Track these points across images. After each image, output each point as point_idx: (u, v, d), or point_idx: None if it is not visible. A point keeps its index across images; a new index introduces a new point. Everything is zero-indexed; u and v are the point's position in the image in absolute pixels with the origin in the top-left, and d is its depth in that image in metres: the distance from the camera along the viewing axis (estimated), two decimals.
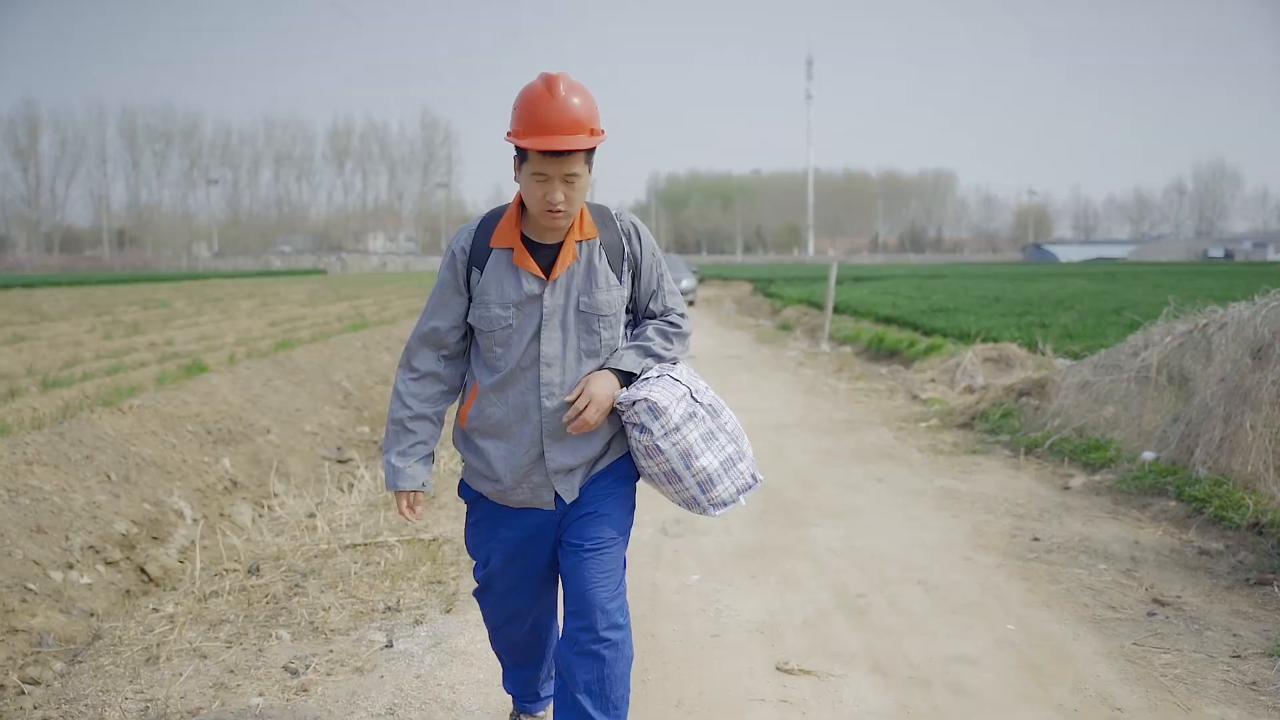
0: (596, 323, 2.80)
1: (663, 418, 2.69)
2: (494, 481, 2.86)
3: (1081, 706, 3.50)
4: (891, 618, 4.37)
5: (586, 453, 2.83)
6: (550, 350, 2.76)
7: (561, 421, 2.77)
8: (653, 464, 2.77)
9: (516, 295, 2.76)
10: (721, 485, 2.80)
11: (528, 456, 2.80)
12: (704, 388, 2.88)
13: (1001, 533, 5.66)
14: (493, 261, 2.80)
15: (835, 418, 9.84)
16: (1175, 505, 5.95)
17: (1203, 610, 4.40)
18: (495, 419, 2.82)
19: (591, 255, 2.79)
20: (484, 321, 2.80)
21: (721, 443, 2.81)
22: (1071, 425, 7.94)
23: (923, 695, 3.61)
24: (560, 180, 2.63)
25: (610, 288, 2.81)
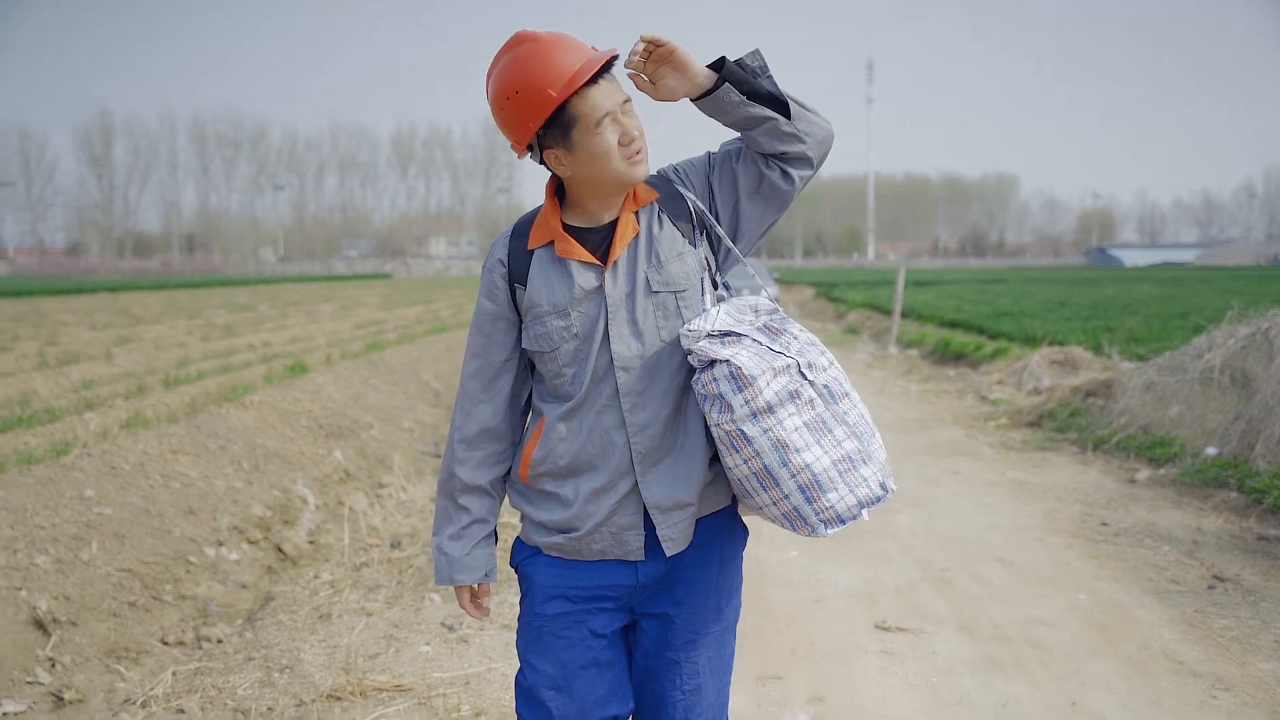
0: (674, 302, 2.21)
1: (748, 390, 2.03)
2: (567, 531, 2.22)
3: (1146, 660, 4.00)
4: (973, 588, 4.89)
5: (696, 481, 2.19)
6: (624, 349, 2.17)
7: (651, 442, 2.18)
8: (739, 461, 2.08)
9: (570, 294, 2.18)
10: (835, 492, 2.06)
11: (615, 491, 2.18)
12: (826, 364, 2.16)
13: (1071, 518, 6.14)
14: (536, 265, 2.24)
15: (907, 417, 10.32)
16: (1236, 496, 6.38)
17: (1259, 586, 4.87)
18: (570, 455, 2.20)
19: (652, 222, 2.23)
20: (544, 341, 2.21)
21: (837, 436, 2.09)
22: (1137, 423, 8.37)
23: (1005, 649, 4.13)
24: (624, 111, 2.12)
25: (684, 253, 2.22)
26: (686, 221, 2.26)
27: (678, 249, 2.22)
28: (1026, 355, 13.15)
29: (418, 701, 3.77)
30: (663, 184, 2.28)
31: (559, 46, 2.07)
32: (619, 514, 2.18)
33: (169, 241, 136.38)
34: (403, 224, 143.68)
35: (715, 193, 2.28)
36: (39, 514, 5.85)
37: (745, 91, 2.13)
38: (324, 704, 3.75)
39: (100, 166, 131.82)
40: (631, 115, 2.12)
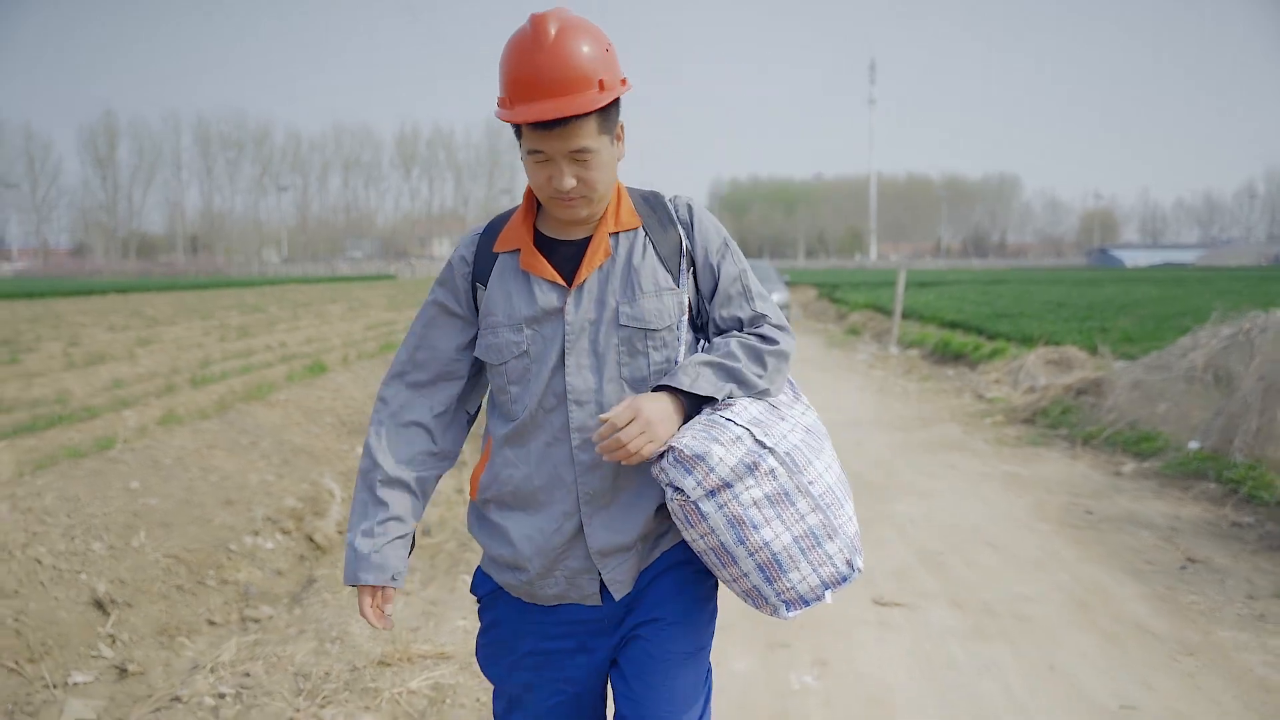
0: (643, 341, 2.06)
1: (698, 470, 1.90)
2: (516, 570, 2.11)
3: (1119, 630, 4.40)
4: (964, 569, 5.29)
5: (638, 524, 2.07)
6: (579, 382, 2.04)
7: (601, 484, 2.05)
8: (695, 536, 1.97)
9: (529, 310, 2.06)
10: (796, 572, 1.96)
11: (560, 533, 2.06)
12: (786, 431, 2.03)
13: (1058, 507, 6.54)
14: (498, 271, 2.11)
15: (907, 415, 10.72)
16: (1214, 487, 6.78)
17: (1227, 566, 5.27)
18: (514, 483, 2.09)
19: (633, 250, 2.08)
20: (493, 352, 2.10)
21: (799, 510, 1.96)
22: (1125, 420, 8.77)
23: (991, 621, 4.54)
24: (567, 160, 1.95)
25: (661, 291, 2.07)
26: (675, 257, 2.12)
27: (658, 284, 2.07)
28: (1023, 355, 13.55)
29: (460, 666, 4.18)
30: (658, 210, 2.15)
31: (553, 59, 1.90)
32: (569, 557, 2.07)
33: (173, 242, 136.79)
34: (406, 224, 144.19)
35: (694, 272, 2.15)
36: (91, 504, 6.26)
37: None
38: (375, 669, 4.15)
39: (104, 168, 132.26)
40: (585, 165, 1.96)
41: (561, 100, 1.88)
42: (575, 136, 1.92)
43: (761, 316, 2.14)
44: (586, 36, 1.94)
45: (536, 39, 1.90)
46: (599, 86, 1.92)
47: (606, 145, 1.99)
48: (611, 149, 2.02)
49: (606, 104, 1.94)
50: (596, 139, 1.95)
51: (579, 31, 1.93)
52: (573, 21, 1.95)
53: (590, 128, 1.93)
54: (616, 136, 2.04)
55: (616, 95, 1.96)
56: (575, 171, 1.95)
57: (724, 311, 2.14)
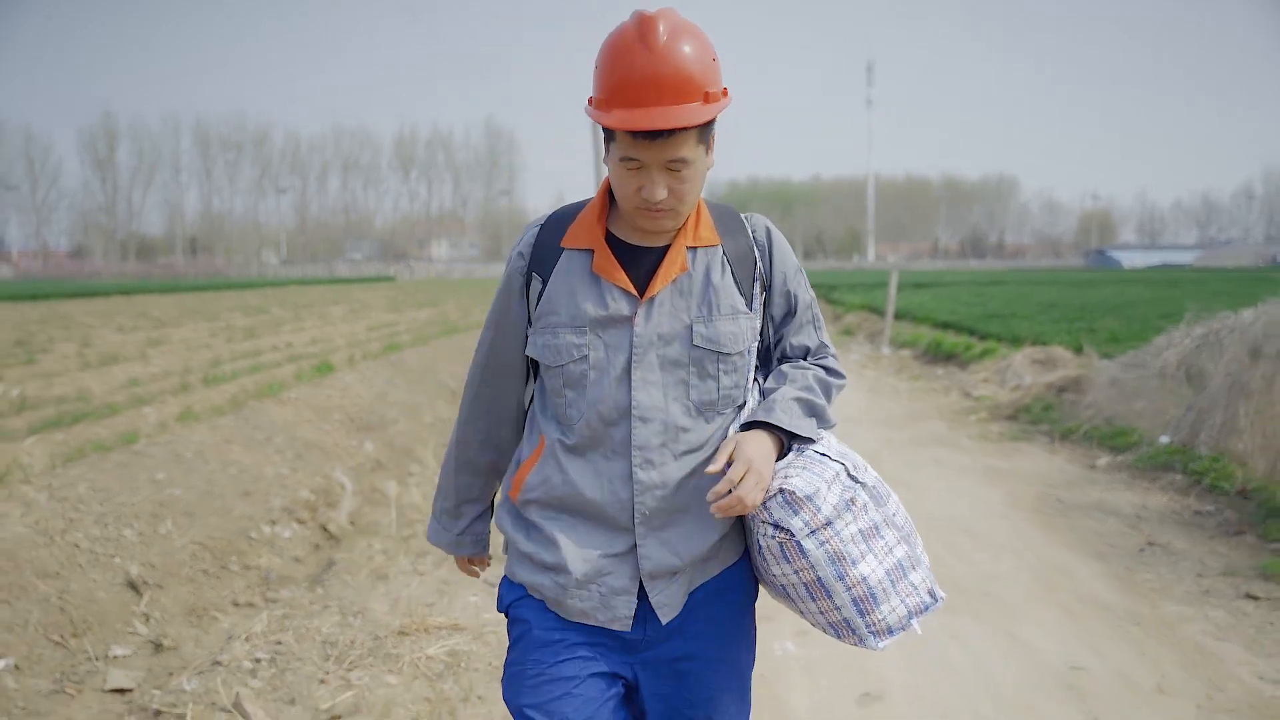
0: (715, 364, 1.99)
1: (805, 510, 1.87)
2: (554, 572, 2.01)
3: (1076, 604, 4.80)
4: (940, 551, 5.68)
5: (696, 549, 2.00)
6: (646, 398, 1.96)
7: (660, 503, 1.97)
8: (788, 571, 1.92)
9: (596, 313, 1.96)
10: (888, 604, 1.94)
11: (611, 548, 1.99)
12: (864, 463, 2.06)
13: (1032, 497, 6.94)
14: (564, 267, 2.01)
15: (896, 413, 11.11)
16: (1180, 478, 7.18)
17: (1183, 549, 5.67)
18: (567, 490, 2.00)
19: (711, 268, 1.99)
20: (549, 353, 2.01)
21: (888, 542, 1.96)
22: (1102, 416, 9.17)
23: (961, 597, 4.93)
24: (661, 169, 1.87)
25: (737, 315, 2.00)
26: (749, 280, 2.04)
27: (735, 306, 2.00)
28: (1011, 355, 13.94)
29: (473, 636, 4.57)
30: (732, 228, 2.07)
31: (662, 64, 1.80)
32: (612, 575, 1.98)
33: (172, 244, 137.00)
34: (405, 226, 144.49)
35: (766, 298, 2.12)
36: (120, 494, 6.64)
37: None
38: (395, 638, 4.54)
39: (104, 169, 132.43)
40: (680, 177, 1.88)
41: (669, 110, 1.79)
42: (675, 148, 1.83)
43: (825, 347, 2.14)
44: (696, 42, 1.84)
45: (644, 40, 1.80)
46: (704, 98, 1.84)
47: (701, 156, 1.91)
48: (705, 160, 1.93)
49: (710, 118, 1.86)
50: (694, 150, 1.87)
51: (689, 36, 1.83)
52: (683, 25, 1.85)
53: (690, 139, 1.85)
54: (709, 147, 1.94)
55: (721, 109, 1.87)
56: (668, 182, 1.88)
57: (795, 339, 2.12)
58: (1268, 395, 6.74)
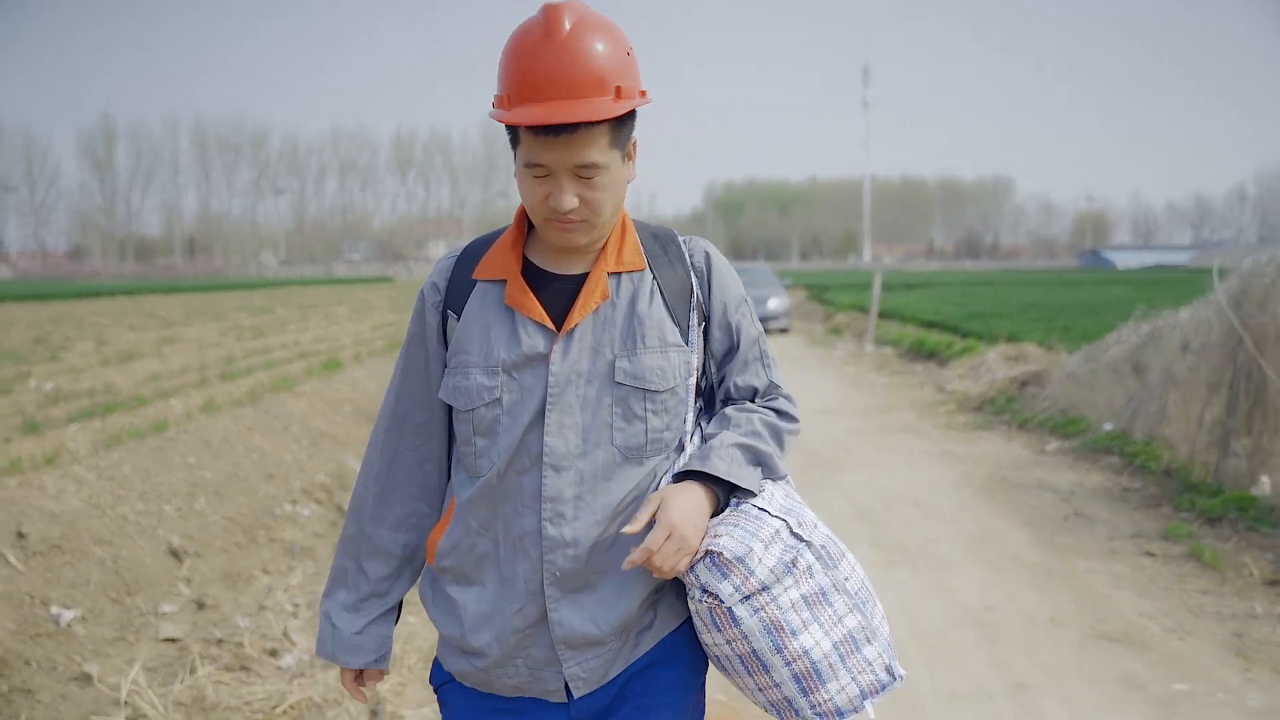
0: (642, 404, 1.78)
1: (736, 573, 1.67)
2: (472, 656, 1.82)
3: (1001, 561, 5.55)
4: (888, 519, 6.44)
5: (618, 616, 1.78)
6: (559, 444, 1.75)
7: (573, 564, 1.75)
8: (720, 640, 1.74)
9: (509, 354, 1.76)
10: (835, 682, 1.73)
11: (521, 616, 1.78)
12: (812, 519, 1.81)
13: (982, 477, 7.69)
14: (476, 301, 1.82)
15: (870, 404, 11.86)
16: (1117, 460, 7.93)
17: (1105, 518, 6.42)
18: (475, 554, 1.80)
19: (637, 296, 1.81)
20: (460, 395, 1.80)
21: (838, 610, 1.74)
22: (1057, 406, 9.93)
23: (901, 555, 5.68)
24: (570, 176, 1.69)
25: (667, 349, 1.80)
26: (684, 309, 1.84)
27: (665, 339, 1.79)
28: (986, 352, 14.69)
29: None
30: (668, 251, 1.88)
31: (568, 56, 1.63)
32: (532, 645, 1.78)
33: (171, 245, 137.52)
34: (402, 227, 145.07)
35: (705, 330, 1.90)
36: (158, 475, 7.38)
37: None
38: None
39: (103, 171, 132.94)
40: (591, 184, 1.69)
41: (574, 104, 1.62)
42: (583, 148, 1.65)
43: (776, 387, 1.92)
44: (606, 35, 1.67)
45: (548, 32, 1.64)
46: (616, 93, 1.66)
47: (617, 163, 1.72)
48: (622, 168, 1.74)
49: (622, 114, 1.68)
50: (607, 153, 1.68)
51: (598, 29, 1.67)
52: (592, 17, 1.68)
53: (601, 140, 1.67)
54: (628, 155, 1.77)
55: (635, 106, 1.70)
56: (578, 190, 1.69)
57: (739, 379, 1.90)
58: (1192, 385, 7.48)
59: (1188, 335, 8.10)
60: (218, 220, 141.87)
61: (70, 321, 23.30)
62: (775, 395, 1.92)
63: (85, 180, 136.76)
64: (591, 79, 1.64)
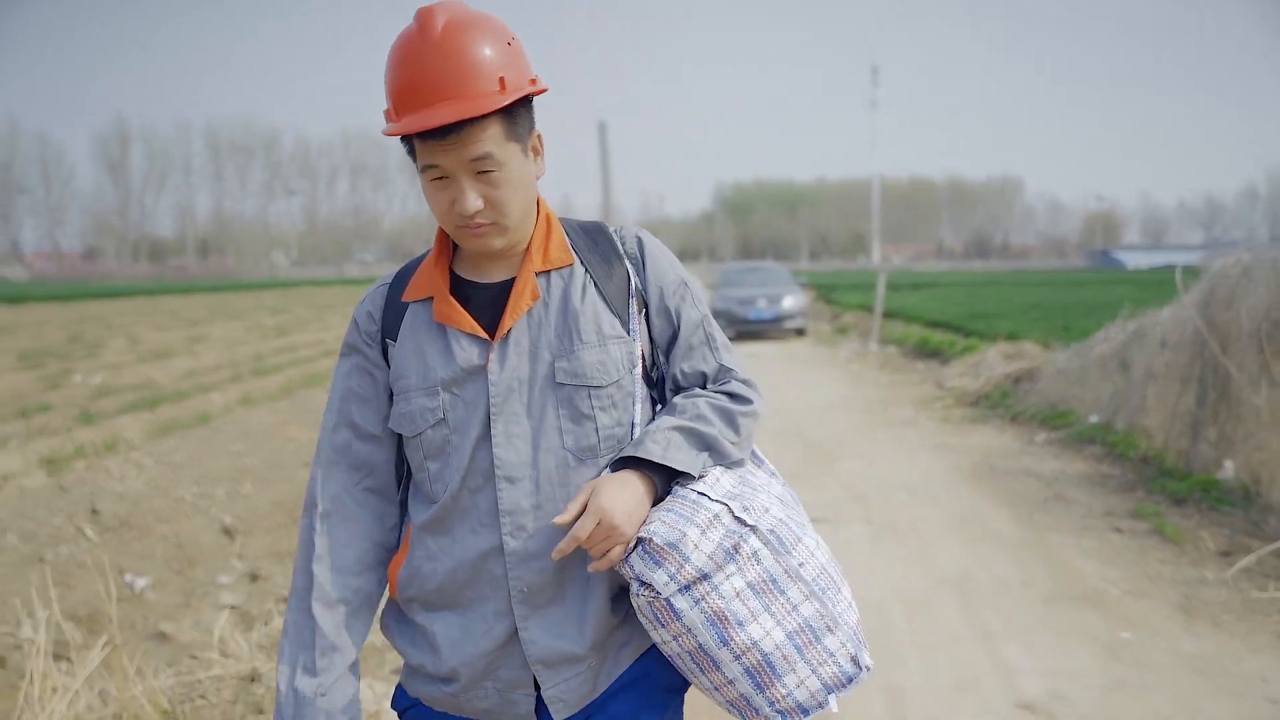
0: (587, 401, 1.74)
1: (670, 561, 1.61)
2: (440, 682, 1.78)
3: (981, 536, 6.11)
4: (881, 502, 7.00)
5: (589, 626, 1.73)
6: (510, 455, 1.71)
7: (540, 577, 1.71)
8: (666, 637, 1.66)
9: (446, 370, 1.73)
10: (793, 675, 1.65)
11: (490, 637, 1.74)
12: (766, 503, 1.73)
13: (971, 465, 8.25)
14: (409, 324, 1.80)
15: (872, 399, 12.43)
16: (1099, 449, 8.49)
17: (1082, 500, 6.97)
18: (438, 578, 1.75)
19: (569, 292, 1.77)
20: (406, 422, 1.77)
21: (792, 599, 1.65)
22: (1048, 400, 10.48)
23: (890, 531, 6.25)
24: (468, 175, 1.65)
25: (606, 341, 1.75)
26: (623, 299, 1.80)
27: (602, 331, 1.75)
28: (986, 350, 15.22)
29: None
30: (600, 243, 1.84)
31: (442, 57, 1.60)
32: (502, 666, 1.74)
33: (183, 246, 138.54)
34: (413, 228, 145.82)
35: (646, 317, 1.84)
36: (207, 461, 7.99)
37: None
38: None
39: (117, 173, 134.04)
40: (491, 182, 1.66)
41: (455, 103, 1.59)
42: (474, 144, 1.62)
43: (727, 370, 1.86)
44: (483, 29, 1.63)
45: (423, 35, 1.61)
46: (500, 85, 1.62)
47: (517, 157, 1.68)
48: (525, 162, 1.71)
49: (510, 104, 1.63)
50: (503, 147, 1.65)
51: (473, 24, 1.63)
52: (465, 14, 1.64)
53: (493, 133, 1.63)
54: (533, 149, 1.74)
55: (523, 94, 1.65)
56: (481, 190, 1.66)
57: (685, 365, 1.85)
58: (1168, 379, 8.03)
59: (1166, 333, 8.65)
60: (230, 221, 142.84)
61: (96, 321, 23.98)
62: (727, 379, 1.86)
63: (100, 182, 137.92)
64: (471, 74, 1.60)
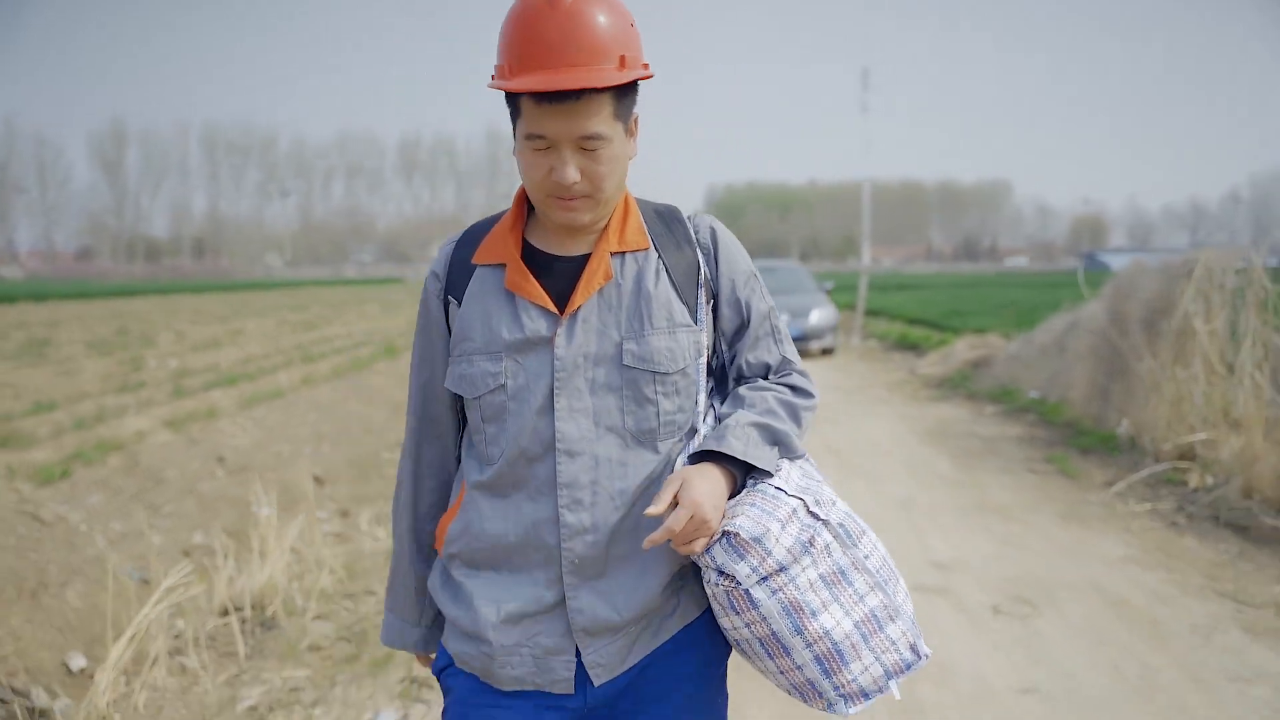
0: (652, 386, 1.73)
1: (753, 554, 1.61)
2: (476, 641, 1.76)
3: (930, 478, 7.78)
4: (851, 454, 8.67)
5: (638, 601, 1.73)
6: (571, 429, 1.71)
7: (592, 550, 1.71)
8: (739, 623, 1.68)
9: (511, 336, 1.72)
10: (859, 662, 1.67)
11: (536, 602, 1.74)
12: (830, 496, 1.77)
13: (927, 430, 9.93)
14: (476, 286, 1.77)
15: (850, 384, 14.12)
16: (1034, 417, 10.18)
17: (1009, 453, 8.65)
18: (488, 539, 1.76)
19: (643, 276, 1.75)
20: (466, 384, 1.76)
21: (858, 590, 1.69)
22: (999, 381, 12.17)
23: (858, 474, 7.92)
24: (572, 146, 1.62)
25: (675, 329, 1.75)
26: (692, 287, 1.78)
27: (673, 319, 1.74)
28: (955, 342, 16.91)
29: None
30: (673, 229, 1.82)
31: (570, 25, 1.57)
32: (541, 634, 1.73)
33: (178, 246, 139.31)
34: (407, 230, 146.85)
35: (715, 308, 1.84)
36: (291, 427, 9.61)
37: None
38: None
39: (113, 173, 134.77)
40: (594, 157, 1.64)
41: (577, 71, 1.56)
42: (586, 118, 1.59)
43: (789, 362, 1.88)
44: (609, 5, 1.61)
45: (551, 2, 1.58)
46: (620, 62, 1.60)
47: (620, 136, 1.67)
48: (625, 142, 1.69)
49: (626, 83, 1.62)
50: (610, 125, 1.63)
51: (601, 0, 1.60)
52: None
53: (605, 110, 1.61)
54: (630, 130, 1.71)
55: (639, 75, 1.64)
56: (581, 163, 1.63)
57: (750, 356, 1.85)
58: (1088, 359, 9.72)
59: (1089, 323, 10.35)
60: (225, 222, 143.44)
61: (131, 319, 25.57)
62: (789, 371, 1.87)
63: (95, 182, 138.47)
64: (595, 47, 1.58)
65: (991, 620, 4.74)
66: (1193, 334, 7.55)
